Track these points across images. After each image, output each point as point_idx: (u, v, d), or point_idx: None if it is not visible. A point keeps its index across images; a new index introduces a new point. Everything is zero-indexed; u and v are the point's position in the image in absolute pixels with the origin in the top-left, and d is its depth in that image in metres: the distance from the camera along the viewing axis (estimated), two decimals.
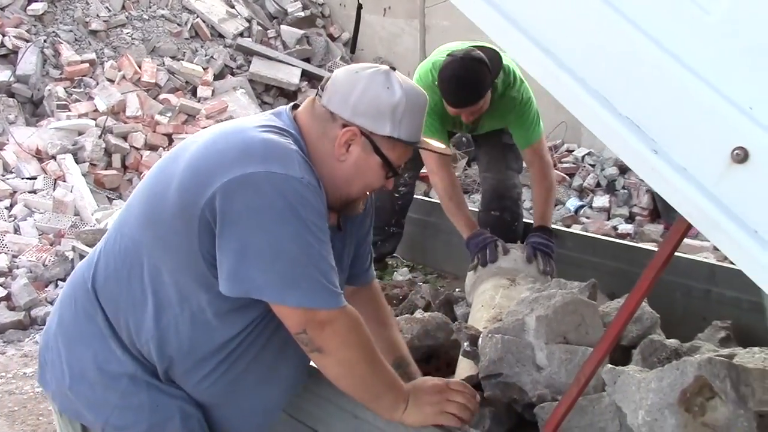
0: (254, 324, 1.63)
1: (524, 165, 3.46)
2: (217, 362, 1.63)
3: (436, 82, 2.96)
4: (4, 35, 7.49)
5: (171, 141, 7.08)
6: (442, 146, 1.94)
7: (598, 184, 6.87)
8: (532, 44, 1.32)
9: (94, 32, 8.20)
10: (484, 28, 1.33)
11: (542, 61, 1.31)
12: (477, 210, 3.54)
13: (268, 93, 8.56)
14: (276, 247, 1.47)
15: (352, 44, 5.30)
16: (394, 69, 1.67)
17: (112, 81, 7.54)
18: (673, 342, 2.16)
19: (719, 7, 1.19)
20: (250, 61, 8.65)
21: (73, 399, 1.66)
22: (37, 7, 7.99)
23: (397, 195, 3.60)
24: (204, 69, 8.24)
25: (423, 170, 4.40)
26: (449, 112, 3.00)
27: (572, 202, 6.71)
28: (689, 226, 1.30)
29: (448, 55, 2.97)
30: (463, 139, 6.83)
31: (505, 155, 3.34)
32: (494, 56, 2.98)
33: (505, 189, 3.31)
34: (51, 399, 1.74)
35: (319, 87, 1.69)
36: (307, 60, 9.11)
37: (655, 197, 6.39)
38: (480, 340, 2.18)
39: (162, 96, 7.60)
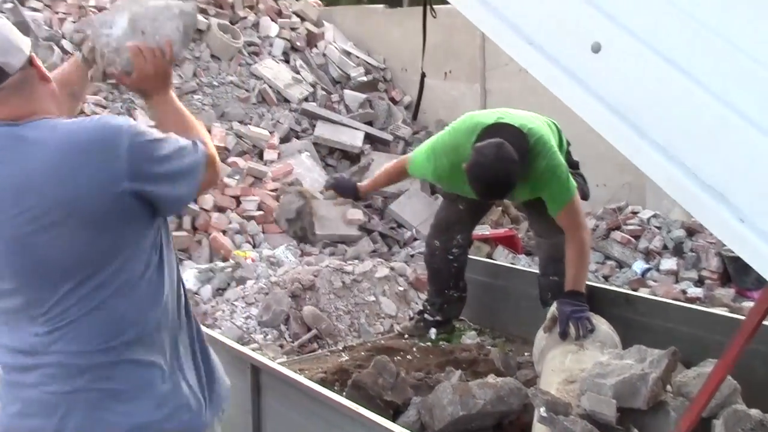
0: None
1: None
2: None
3: (466, 165, 2.98)
4: (83, 102, 7.87)
5: (239, 203, 7.26)
6: None
7: (665, 247, 6.75)
8: (613, 115, 1.36)
9: None
10: (567, 101, 1.37)
11: (624, 132, 1.34)
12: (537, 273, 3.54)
13: (331, 156, 8.74)
14: None
15: (415, 110, 5.40)
16: None
17: None
18: (755, 412, 2.11)
19: None
20: (314, 125, 8.87)
21: None
22: None
23: (450, 257, 3.61)
24: (270, 133, 8.49)
25: (476, 231, 4.42)
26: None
27: (638, 265, 6.60)
28: None
29: (475, 149, 2.96)
30: None
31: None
32: (521, 144, 2.99)
33: (561, 253, 3.29)
34: None
35: None
36: (370, 123, 9.30)
37: (725, 261, 6.24)
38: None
39: (230, 159, 7.83)
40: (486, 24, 1.38)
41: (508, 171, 2.89)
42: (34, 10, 8.87)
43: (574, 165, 3.29)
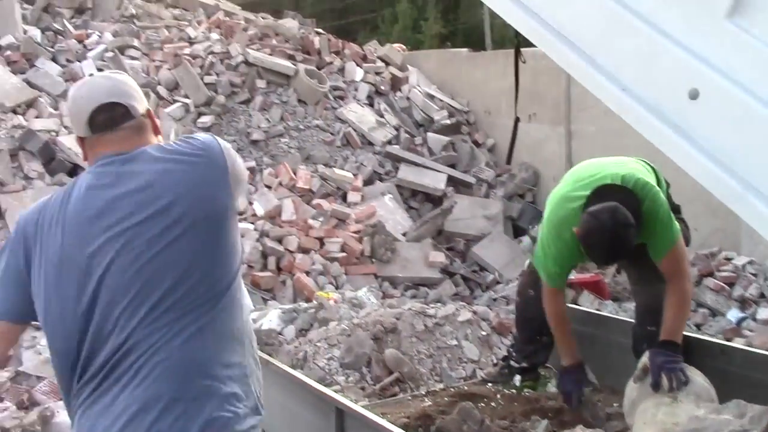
0: None
1: None
2: None
3: (578, 231, 2.88)
4: None
5: (322, 244, 7.36)
6: None
7: (761, 295, 6.46)
8: (711, 161, 1.32)
9: (254, 142, 8.81)
10: (661, 146, 1.35)
11: (724, 179, 1.30)
12: (632, 322, 3.43)
13: (414, 198, 8.78)
14: None
15: (509, 154, 5.51)
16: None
17: (269, 187, 8.01)
18: None
19: None
20: (397, 168, 8.96)
21: None
22: (206, 120, 8.72)
23: None
24: (354, 175, 8.61)
25: (571, 277, 4.32)
26: None
27: (733, 314, 6.33)
28: None
29: (589, 214, 2.85)
30: None
31: (655, 267, 3.21)
32: (634, 204, 2.87)
33: (660, 304, 3.17)
34: None
35: (112, 119, 1.86)
36: (453, 166, 9.32)
37: None
38: None
39: (315, 201, 7.98)
40: (578, 70, 1.37)
41: (627, 235, 2.80)
42: (132, 58, 9.34)
43: (675, 209, 3.18)
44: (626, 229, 2.79)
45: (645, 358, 2.95)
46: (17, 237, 1.84)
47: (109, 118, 1.85)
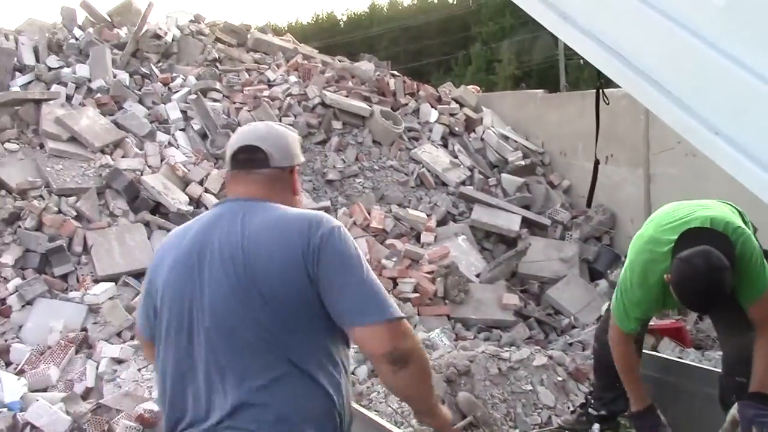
0: None
1: None
2: None
3: (670, 277, 2.80)
4: None
5: (395, 284, 7.36)
6: None
7: None
8: None
9: (330, 182, 8.93)
10: (756, 191, 1.31)
11: None
12: (717, 371, 3.29)
13: (488, 239, 8.71)
14: None
15: (589, 197, 5.39)
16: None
17: None
18: None
19: None
20: (471, 208, 8.93)
21: None
22: None
23: None
24: (428, 215, 8.61)
25: (651, 323, 4.19)
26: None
27: None
28: None
29: (681, 260, 2.76)
30: None
31: (743, 314, 3.08)
32: (727, 247, 2.77)
33: (750, 354, 3.03)
34: None
35: (250, 160, 1.95)
36: (527, 207, 9.23)
37: None
38: None
39: (388, 241, 8.00)
40: (667, 113, 1.35)
41: (723, 279, 2.71)
42: (214, 100, 9.65)
43: (764, 254, 3.07)
44: (722, 272, 2.69)
45: (734, 411, 2.83)
46: (154, 260, 1.99)
47: (247, 159, 1.95)
